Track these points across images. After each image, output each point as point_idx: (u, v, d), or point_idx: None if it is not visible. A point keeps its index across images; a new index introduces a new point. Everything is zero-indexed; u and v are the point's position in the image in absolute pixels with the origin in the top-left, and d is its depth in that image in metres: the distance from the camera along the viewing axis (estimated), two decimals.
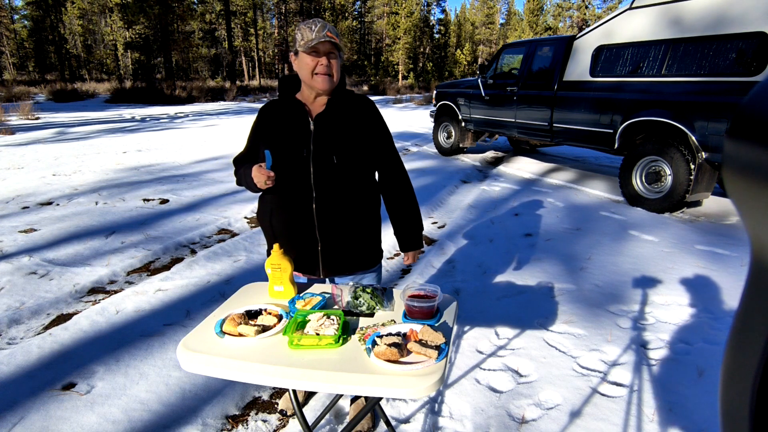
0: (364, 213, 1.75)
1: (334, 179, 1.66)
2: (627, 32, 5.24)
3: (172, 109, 18.93)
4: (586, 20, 41.92)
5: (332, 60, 1.60)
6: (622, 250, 3.86)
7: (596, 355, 2.44)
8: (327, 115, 1.66)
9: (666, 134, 4.84)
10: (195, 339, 1.35)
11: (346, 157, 1.66)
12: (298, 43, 1.60)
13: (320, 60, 1.58)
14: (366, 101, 1.76)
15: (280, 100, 1.75)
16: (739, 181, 0.27)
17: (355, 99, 1.75)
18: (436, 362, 1.20)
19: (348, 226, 1.71)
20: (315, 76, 1.60)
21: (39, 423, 1.93)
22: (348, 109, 1.70)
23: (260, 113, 1.77)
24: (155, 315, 2.82)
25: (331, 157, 1.64)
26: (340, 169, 1.65)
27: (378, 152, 1.76)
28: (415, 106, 22.65)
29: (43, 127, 12.01)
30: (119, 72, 36.49)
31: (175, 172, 6.77)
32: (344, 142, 1.66)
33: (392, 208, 1.85)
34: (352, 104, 1.73)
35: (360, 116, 1.72)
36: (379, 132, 1.76)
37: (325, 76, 1.60)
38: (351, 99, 1.73)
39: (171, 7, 25.23)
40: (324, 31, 1.56)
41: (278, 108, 1.74)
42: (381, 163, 1.79)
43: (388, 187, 1.82)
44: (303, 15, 40.77)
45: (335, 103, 1.68)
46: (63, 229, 4.24)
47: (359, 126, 1.70)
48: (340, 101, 1.69)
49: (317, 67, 1.58)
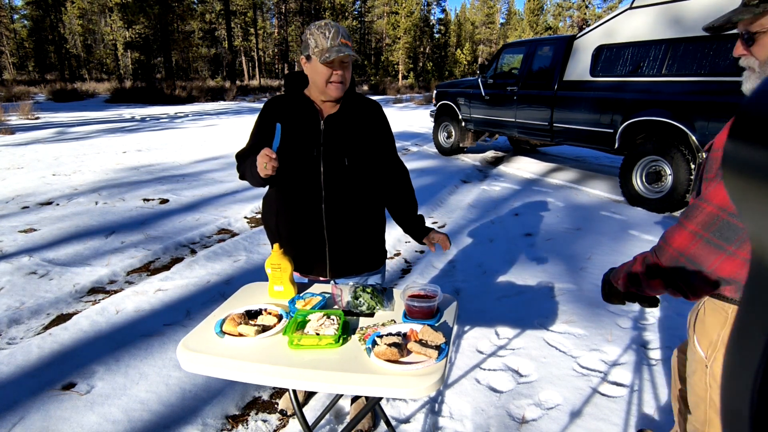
0: (372, 214, 1.76)
1: (344, 180, 1.65)
2: (627, 32, 5.24)
3: (172, 109, 18.93)
4: (587, 20, 41.94)
5: (346, 69, 1.59)
6: (622, 250, 3.86)
7: (596, 355, 2.44)
8: (338, 116, 1.66)
9: (666, 134, 4.84)
10: (195, 339, 1.35)
11: (357, 159, 1.66)
12: (310, 49, 1.55)
13: (335, 71, 1.56)
14: (374, 105, 1.76)
15: (286, 96, 1.72)
16: (739, 181, 0.27)
17: (364, 102, 1.75)
18: (436, 362, 1.20)
19: (356, 227, 1.71)
20: (329, 85, 1.58)
21: (39, 423, 1.93)
22: (357, 112, 1.70)
23: (265, 108, 1.73)
24: (155, 315, 2.82)
25: (343, 159, 1.63)
26: (351, 171, 1.65)
27: (382, 155, 1.77)
28: (415, 105, 22.64)
29: (43, 127, 12.01)
30: (119, 72, 36.49)
31: (175, 172, 6.77)
32: (355, 144, 1.66)
33: (397, 206, 1.85)
34: (361, 107, 1.72)
35: (368, 119, 1.72)
36: (385, 136, 1.77)
37: (338, 84, 1.58)
38: (360, 101, 1.73)
39: (171, 6, 25.24)
40: (338, 39, 1.53)
41: (285, 104, 1.70)
42: (384, 164, 1.79)
43: (392, 186, 1.82)
44: (303, 15, 40.80)
45: (346, 105, 1.67)
46: (63, 229, 4.24)
47: (367, 129, 1.71)
48: (350, 103, 1.69)
49: (332, 76, 1.56)
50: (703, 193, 1.00)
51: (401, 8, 44.62)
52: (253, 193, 5.55)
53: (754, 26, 1.00)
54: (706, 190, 0.99)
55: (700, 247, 0.98)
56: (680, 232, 1.02)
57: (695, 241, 0.99)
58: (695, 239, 0.99)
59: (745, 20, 0.99)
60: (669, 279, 1.05)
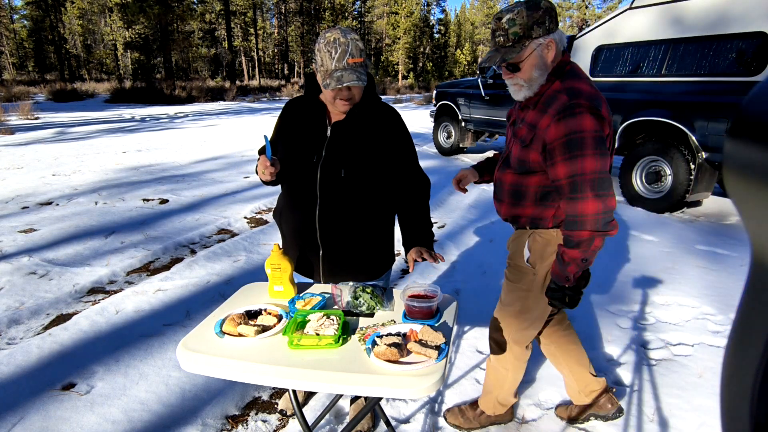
0: (370, 225, 1.70)
1: (340, 191, 1.62)
2: (627, 32, 5.24)
3: (171, 109, 18.93)
4: (586, 20, 41.96)
5: (355, 90, 1.53)
6: (622, 250, 3.86)
7: (596, 355, 2.44)
8: (346, 124, 1.61)
9: (666, 134, 4.84)
10: (195, 339, 1.35)
11: (355, 171, 1.60)
12: (317, 66, 1.51)
13: (340, 94, 1.52)
14: (391, 112, 1.69)
15: (304, 98, 1.69)
16: (740, 181, 0.27)
17: (380, 108, 1.67)
18: (436, 362, 1.20)
19: (350, 237, 1.67)
20: (336, 101, 1.54)
21: (39, 423, 1.93)
22: (370, 119, 1.63)
23: (284, 110, 1.74)
24: (155, 315, 2.82)
25: (340, 170, 1.59)
26: (347, 183, 1.61)
27: (398, 164, 1.69)
28: (415, 106, 22.65)
29: (43, 127, 12.01)
30: (119, 72, 36.47)
31: (175, 172, 6.77)
32: (357, 155, 1.61)
33: (404, 215, 1.75)
34: (376, 114, 1.65)
35: (382, 128, 1.65)
36: (401, 145, 1.69)
37: (346, 102, 1.54)
38: (375, 107, 1.65)
39: (171, 7, 25.22)
40: (345, 59, 1.44)
41: (301, 107, 1.70)
42: (400, 174, 1.72)
43: (405, 198, 1.74)
44: (303, 15, 40.79)
45: (357, 112, 1.60)
46: (63, 229, 4.24)
47: (378, 138, 1.63)
48: (363, 110, 1.61)
49: (338, 95, 1.52)
50: (559, 171, 1.43)
51: (401, 8, 44.64)
52: (253, 194, 5.55)
53: (516, 59, 1.46)
54: (556, 166, 1.43)
55: (606, 200, 1.39)
56: (584, 202, 1.39)
57: (597, 199, 1.38)
58: (596, 199, 1.38)
59: (513, 57, 1.45)
60: (600, 233, 1.41)
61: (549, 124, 1.44)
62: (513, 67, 1.49)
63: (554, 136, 1.42)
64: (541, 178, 1.55)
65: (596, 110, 1.41)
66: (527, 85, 1.50)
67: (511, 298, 1.76)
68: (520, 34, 1.44)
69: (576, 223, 1.42)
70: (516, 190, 1.62)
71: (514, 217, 1.67)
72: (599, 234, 1.41)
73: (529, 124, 1.52)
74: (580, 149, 1.38)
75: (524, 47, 1.44)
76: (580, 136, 1.38)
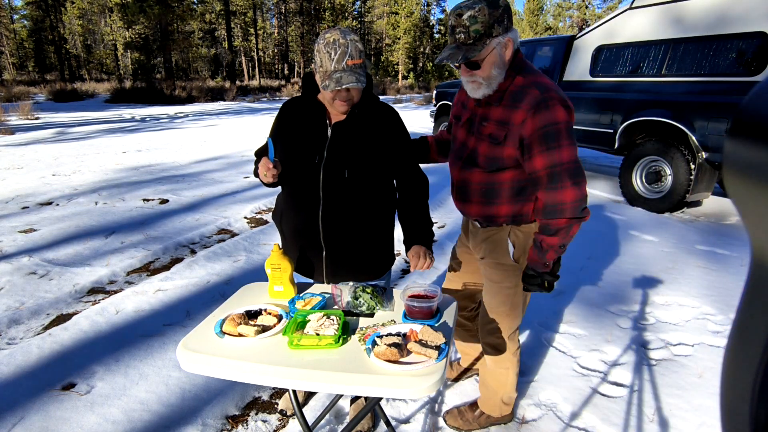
0: (373, 224, 1.70)
1: (343, 191, 1.61)
2: (627, 32, 5.24)
3: (172, 109, 18.93)
4: (586, 20, 41.96)
5: (353, 91, 1.53)
6: (622, 250, 3.86)
7: (596, 355, 2.44)
8: (346, 124, 1.61)
9: (666, 134, 4.84)
10: (195, 339, 1.35)
11: (359, 171, 1.60)
12: (316, 66, 1.51)
13: (339, 95, 1.52)
14: (390, 112, 1.70)
15: (302, 98, 1.69)
16: (740, 181, 0.27)
17: (379, 108, 1.68)
18: (436, 362, 1.20)
19: (354, 237, 1.67)
20: (335, 102, 1.54)
21: (39, 423, 1.93)
22: (369, 119, 1.63)
23: (281, 111, 1.73)
24: (155, 315, 2.82)
25: (343, 170, 1.59)
26: (351, 183, 1.61)
27: (396, 163, 1.70)
28: (415, 106, 22.64)
29: (43, 127, 12.01)
30: (119, 72, 36.47)
31: (175, 172, 6.77)
32: (359, 155, 1.61)
33: (404, 213, 1.76)
34: (375, 113, 1.65)
35: (381, 127, 1.65)
36: (400, 144, 1.70)
37: (344, 103, 1.54)
38: (374, 107, 1.66)
39: (171, 7, 25.22)
40: (344, 61, 1.44)
41: (299, 107, 1.69)
42: (400, 172, 1.73)
43: (405, 197, 1.74)
44: (303, 15, 40.78)
45: (357, 112, 1.61)
46: (63, 230, 4.24)
47: (379, 138, 1.64)
48: (362, 110, 1.62)
49: (337, 94, 1.52)
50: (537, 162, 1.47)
51: (401, 8, 44.64)
52: (253, 194, 5.55)
53: (477, 57, 1.46)
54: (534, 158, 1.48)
55: (582, 187, 1.49)
56: (564, 191, 1.46)
57: (575, 187, 1.47)
58: (574, 187, 1.46)
59: (476, 55, 1.44)
60: (576, 220, 1.49)
61: (525, 118, 1.46)
62: (473, 65, 1.49)
63: (531, 130, 1.45)
64: (515, 173, 1.57)
65: (565, 102, 1.47)
66: (486, 83, 1.51)
67: (498, 300, 1.76)
68: (481, 32, 1.43)
69: (556, 212, 1.48)
70: (488, 189, 1.62)
71: (489, 216, 1.66)
72: (576, 221, 1.49)
73: (499, 121, 1.53)
74: (557, 140, 1.44)
75: (485, 45, 1.44)
76: (555, 128, 1.44)
